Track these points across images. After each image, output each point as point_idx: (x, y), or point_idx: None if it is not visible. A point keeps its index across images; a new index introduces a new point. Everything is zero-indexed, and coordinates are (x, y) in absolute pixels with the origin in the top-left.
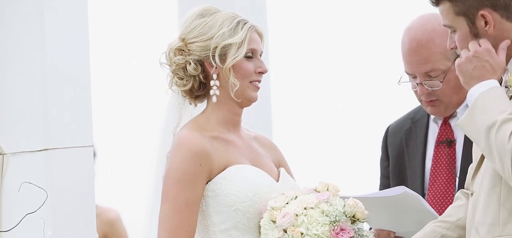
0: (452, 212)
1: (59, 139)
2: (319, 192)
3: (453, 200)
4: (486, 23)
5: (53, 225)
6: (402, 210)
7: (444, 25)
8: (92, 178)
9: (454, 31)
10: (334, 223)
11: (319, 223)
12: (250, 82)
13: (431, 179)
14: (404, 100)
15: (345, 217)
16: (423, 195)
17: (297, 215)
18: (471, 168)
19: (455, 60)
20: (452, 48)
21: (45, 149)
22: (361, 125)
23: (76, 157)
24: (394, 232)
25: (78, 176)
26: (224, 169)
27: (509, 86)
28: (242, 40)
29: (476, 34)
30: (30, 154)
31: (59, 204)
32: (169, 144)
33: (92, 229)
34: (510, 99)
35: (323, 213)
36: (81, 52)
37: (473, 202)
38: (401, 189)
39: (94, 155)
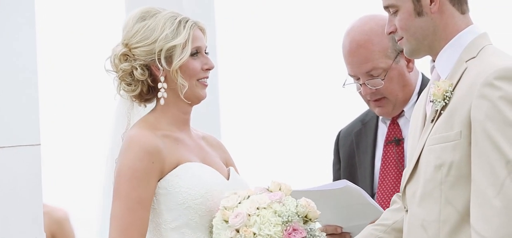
0: (389, 215)
1: (5, 137)
2: (271, 191)
3: None
4: (431, 0)
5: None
6: (345, 203)
7: (385, 7)
8: (39, 177)
9: (396, 11)
10: (287, 223)
11: (271, 223)
12: (198, 80)
13: (381, 178)
14: (352, 99)
15: (298, 217)
16: (372, 195)
17: (249, 215)
18: (405, 173)
19: (395, 58)
20: (390, 33)
21: None
22: (309, 123)
23: (23, 155)
24: (341, 227)
25: (25, 175)
26: (176, 167)
27: (435, 100)
28: (186, 40)
29: (419, 13)
30: None
31: (6, 203)
32: (118, 149)
33: (39, 228)
34: (436, 113)
35: (275, 213)
36: (28, 52)
37: (408, 222)
38: (343, 183)
39: None
